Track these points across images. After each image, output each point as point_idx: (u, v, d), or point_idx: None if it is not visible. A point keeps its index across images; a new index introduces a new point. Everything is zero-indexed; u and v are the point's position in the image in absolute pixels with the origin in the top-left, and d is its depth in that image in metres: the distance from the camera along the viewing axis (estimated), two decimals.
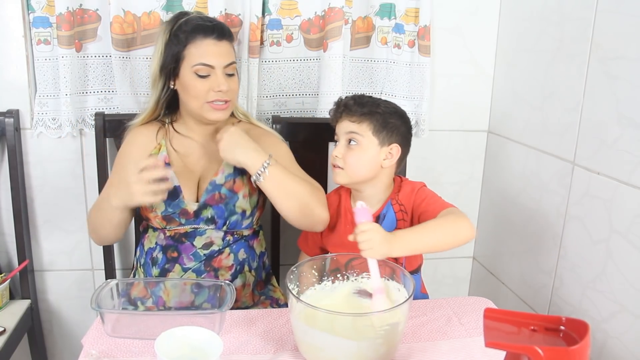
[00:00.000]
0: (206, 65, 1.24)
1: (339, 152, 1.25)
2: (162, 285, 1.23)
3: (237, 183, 1.31)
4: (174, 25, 1.26)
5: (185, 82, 1.26)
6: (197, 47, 1.24)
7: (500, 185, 1.74)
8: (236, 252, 1.34)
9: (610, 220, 1.25)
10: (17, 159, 1.51)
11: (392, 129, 1.24)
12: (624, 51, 1.21)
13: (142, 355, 0.99)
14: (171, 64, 1.26)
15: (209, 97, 1.25)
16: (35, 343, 1.64)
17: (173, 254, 1.31)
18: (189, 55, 1.24)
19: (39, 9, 1.46)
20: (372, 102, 1.25)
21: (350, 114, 1.24)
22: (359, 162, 1.23)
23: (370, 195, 1.28)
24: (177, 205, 1.28)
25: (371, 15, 1.63)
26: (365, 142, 1.22)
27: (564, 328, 0.79)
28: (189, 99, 1.27)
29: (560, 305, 1.44)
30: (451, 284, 1.95)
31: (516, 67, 1.64)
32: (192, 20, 1.26)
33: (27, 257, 1.57)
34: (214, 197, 1.29)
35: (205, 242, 1.31)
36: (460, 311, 1.17)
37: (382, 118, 1.23)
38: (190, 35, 1.24)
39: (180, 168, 1.32)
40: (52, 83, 1.51)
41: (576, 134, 1.36)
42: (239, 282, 1.35)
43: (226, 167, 1.31)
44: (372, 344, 0.93)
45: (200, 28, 1.24)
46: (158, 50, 1.27)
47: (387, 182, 1.29)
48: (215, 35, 1.25)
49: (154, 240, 1.34)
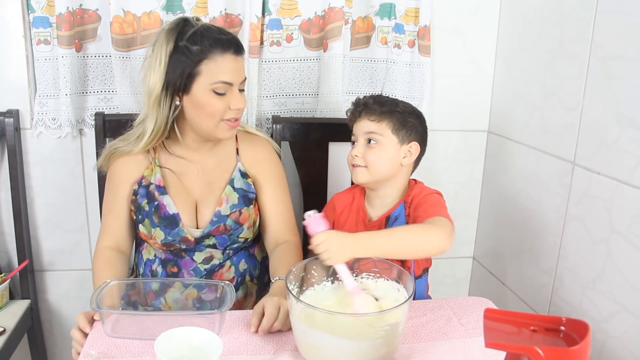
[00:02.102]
0: (226, 83, 1.17)
1: (358, 151, 1.25)
2: (162, 299, 1.21)
3: (243, 214, 1.29)
4: (178, 34, 1.16)
5: (198, 100, 1.17)
6: (216, 63, 1.15)
7: (500, 185, 1.74)
8: (237, 263, 1.33)
9: (610, 220, 1.25)
10: (17, 159, 1.51)
11: (411, 128, 1.25)
12: (624, 51, 1.21)
13: (142, 356, 0.99)
14: (180, 80, 1.16)
15: (225, 115, 1.20)
16: (35, 343, 1.64)
17: (173, 269, 1.30)
18: (207, 71, 1.15)
19: (39, 9, 1.46)
20: (391, 102, 1.26)
21: (369, 112, 1.24)
22: (380, 160, 1.23)
23: (385, 195, 1.28)
24: (177, 234, 1.25)
25: (371, 15, 1.63)
26: (385, 141, 1.23)
27: (564, 328, 0.78)
28: (201, 118, 1.20)
29: (560, 305, 1.44)
30: (451, 284, 1.94)
31: (516, 67, 1.64)
32: (205, 32, 1.16)
33: (27, 257, 1.57)
34: (219, 229, 1.26)
35: (205, 256, 1.30)
36: (460, 311, 1.17)
37: (401, 117, 1.24)
38: (208, 49, 1.15)
39: (177, 190, 1.27)
40: (52, 83, 1.51)
41: (576, 134, 1.36)
42: (241, 293, 1.33)
43: (230, 196, 1.28)
44: (373, 344, 0.93)
45: (219, 42, 1.16)
46: (160, 63, 1.15)
47: (404, 183, 1.29)
48: (232, 50, 1.17)
49: (152, 251, 1.32)
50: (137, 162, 1.28)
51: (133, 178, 1.28)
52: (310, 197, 1.61)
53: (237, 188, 1.30)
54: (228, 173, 1.31)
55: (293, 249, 1.30)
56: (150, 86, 1.17)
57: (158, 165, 1.28)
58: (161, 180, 1.27)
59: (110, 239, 1.28)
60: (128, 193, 1.28)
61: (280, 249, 1.29)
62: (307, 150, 1.58)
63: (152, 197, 1.26)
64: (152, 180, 1.27)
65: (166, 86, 1.17)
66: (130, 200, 1.28)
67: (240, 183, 1.31)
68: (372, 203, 1.31)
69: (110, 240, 1.28)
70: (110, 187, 1.30)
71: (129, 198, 1.28)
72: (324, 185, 1.64)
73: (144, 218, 1.26)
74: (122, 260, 1.27)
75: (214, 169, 1.31)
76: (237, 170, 1.31)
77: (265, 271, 1.40)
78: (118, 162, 1.28)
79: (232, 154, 1.33)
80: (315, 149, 1.60)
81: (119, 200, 1.28)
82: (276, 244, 1.32)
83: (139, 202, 1.26)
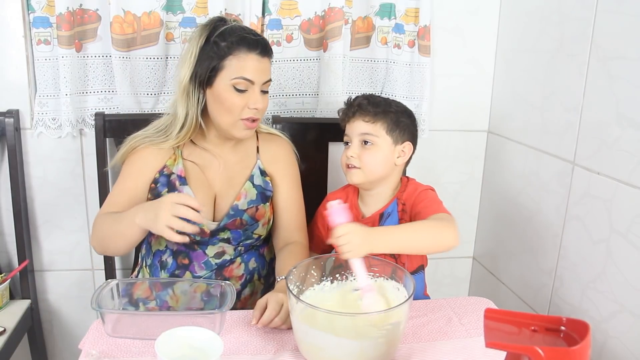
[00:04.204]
0: (246, 79, 1.20)
1: (353, 152, 1.26)
2: (171, 290, 1.21)
3: (259, 211, 1.30)
4: (211, 30, 1.21)
5: (219, 94, 1.21)
6: (239, 59, 1.19)
7: (500, 185, 1.74)
8: (247, 261, 1.34)
9: (610, 220, 1.25)
10: (17, 159, 1.51)
11: (404, 128, 1.27)
12: (624, 51, 1.21)
13: (142, 356, 0.99)
14: (206, 73, 1.20)
15: (243, 113, 1.22)
16: (35, 343, 1.64)
17: (184, 261, 1.30)
18: (230, 66, 1.19)
19: (39, 9, 1.46)
20: (384, 102, 1.28)
21: (363, 113, 1.25)
22: (375, 161, 1.25)
23: (378, 194, 1.30)
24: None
25: (371, 15, 1.63)
26: (380, 142, 1.25)
27: (565, 328, 0.79)
28: (220, 113, 1.22)
29: (560, 305, 1.44)
30: (451, 284, 1.95)
31: (516, 67, 1.64)
32: (235, 30, 1.21)
33: (27, 257, 1.56)
34: (235, 223, 1.28)
35: (217, 251, 1.30)
36: (460, 311, 1.17)
37: (395, 117, 1.25)
38: (234, 46, 1.18)
39: (198, 182, 1.28)
40: (52, 83, 1.51)
41: (576, 134, 1.36)
42: (248, 291, 1.34)
43: (249, 192, 1.30)
44: (374, 343, 0.93)
45: (245, 41, 1.19)
46: (191, 55, 1.20)
47: (396, 181, 1.31)
48: (259, 51, 1.21)
49: (163, 242, 1.31)
50: (162, 150, 1.28)
51: (157, 166, 1.28)
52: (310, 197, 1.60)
53: (256, 185, 1.32)
54: (248, 170, 1.33)
55: (301, 250, 1.31)
56: (181, 77, 1.22)
57: (182, 157, 1.29)
58: (183, 170, 1.28)
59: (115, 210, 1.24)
60: (148, 180, 1.27)
61: (288, 249, 1.30)
62: (306, 150, 1.58)
63: (172, 186, 1.26)
64: (174, 170, 1.28)
65: (194, 78, 1.21)
66: (150, 188, 1.28)
67: (259, 180, 1.33)
68: (365, 201, 1.33)
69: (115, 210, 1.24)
70: (130, 171, 1.28)
71: (148, 185, 1.28)
72: (324, 185, 1.64)
73: None
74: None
75: (235, 164, 1.32)
76: (256, 167, 1.34)
77: (272, 272, 1.40)
78: (142, 150, 1.28)
79: (253, 151, 1.36)
80: (315, 149, 1.60)
81: (138, 185, 1.27)
82: (285, 243, 1.33)
83: (159, 190, 1.26)
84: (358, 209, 1.33)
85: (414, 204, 1.24)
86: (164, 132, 1.28)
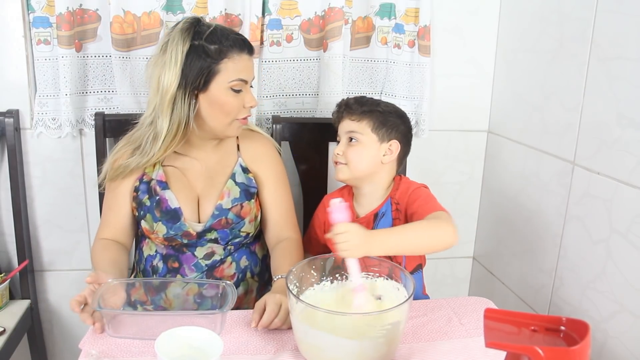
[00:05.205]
0: (242, 80, 1.22)
1: (340, 149, 1.29)
2: (163, 294, 1.21)
3: (244, 208, 1.30)
4: (194, 34, 1.18)
5: (217, 98, 1.20)
6: (234, 62, 1.19)
7: (500, 185, 1.74)
8: (238, 260, 1.34)
9: (610, 220, 1.25)
10: (17, 159, 1.51)
11: (392, 127, 1.28)
12: (624, 51, 1.21)
13: (142, 356, 0.99)
14: (198, 78, 1.17)
15: (240, 113, 1.24)
16: (35, 343, 1.64)
17: (174, 264, 1.30)
18: (226, 69, 1.18)
19: (39, 9, 1.46)
20: (372, 102, 1.30)
21: (350, 112, 1.28)
22: (360, 158, 1.26)
23: (369, 193, 1.31)
24: (178, 228, 1.26)
25: (371, 15, 1.63)
26: (365, 139, 1.26)
27: (564, 328, 0.79)
28: (217, 116, 1.22)
29: (560, 305, 1.44)
30: (451, 284, 1.95)
31: (516, 67, 1.64)
32: (224, 32, 1.20)
33: (27, 257, 1.56)
34: (220, 222, 1.28)
35: (206, 252, 1.30)
36: (460, 311, 1.17)
37: (381, 116, 1.27)
38: (228, 49, 1.18)
39: (179, 185, 1.28)
40: (52, 83, 1.51)
41: (576, 134, 1.36)
42: (241, 289, 1.34)
43: (232, 190, 1.30)
44: (374, 343, 0.93)
45: (236, 43, 1.20)
46: (175, 62, 1.16)
47: (387, 180, 1.31)
48: (247, 51, 1.22)
49: (153, 247, 1.32)
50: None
51: (135, 175, 1.28)
52: (310, 197, 1.61)
53: (238, 182, 1.31)
54: (229, 168, 1.33)
55: (294, 245, 1.31)
56: (165, 85, 1.16)
57: (161, 164, 1.29)
58: (163, 175, 1.28)
59: (109, 234, 1.30)
60: (129, 190, 1.29)
61: (281, 246, 1.31)
62: (307, 150, 1.58)
63: (153, 192, 1.27)
64: (154, 176, 1.28)
65: (184, 85, 1.17)
66: (132, 197, 1.29)
67: (241, 178, 1.32)
68: (360, 202, 1.34)
69: (109, 235, 1.29)
70: (110, 185, 1.30)
71: (130, 195, 1.29)
72: (324, 185, 1.64)
73: (146, 213, 1.26)
74: (119, 247, 1.28)
75: (215, 164, 1.32)
76: (238, 165, 1.33)
77: (265, 269, 1.41)
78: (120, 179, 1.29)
79: (233, 150, 1.35)
80: (315, 149, 1.60)
81: (119, 197, 1.29)
82: (277, 240, 1.33)
83: (140, 198, 1.27)
84: (353, 209, 1.33)
85: (409, 204, 1.25)
86: (141, 150, 1.24)
